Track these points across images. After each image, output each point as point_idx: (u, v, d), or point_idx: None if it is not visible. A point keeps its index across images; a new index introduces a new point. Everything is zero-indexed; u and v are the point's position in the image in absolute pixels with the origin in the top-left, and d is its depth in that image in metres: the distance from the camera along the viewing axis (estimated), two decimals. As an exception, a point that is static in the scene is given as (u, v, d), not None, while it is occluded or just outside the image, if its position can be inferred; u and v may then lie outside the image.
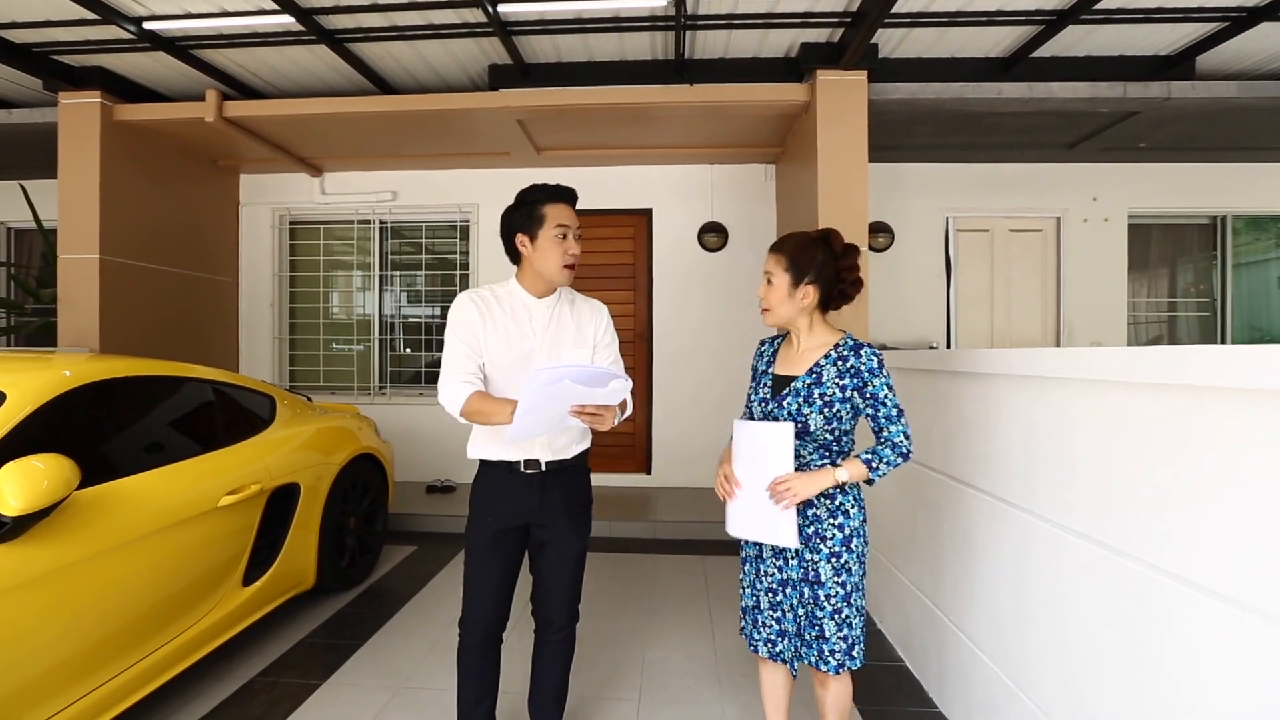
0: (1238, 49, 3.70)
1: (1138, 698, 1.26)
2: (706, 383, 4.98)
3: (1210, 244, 5.20)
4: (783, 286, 1.56)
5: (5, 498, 1.52)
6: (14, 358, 2.20)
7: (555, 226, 1.65)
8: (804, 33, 3.65)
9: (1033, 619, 1.63)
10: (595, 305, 1.82)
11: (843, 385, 1.51)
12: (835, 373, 1.53)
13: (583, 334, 1.75)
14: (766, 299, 1.60)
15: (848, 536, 1.55)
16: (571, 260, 1.68)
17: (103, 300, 3.99)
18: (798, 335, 1.62)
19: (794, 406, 1.55)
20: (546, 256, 1.66)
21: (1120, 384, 1.32)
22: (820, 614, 1.54)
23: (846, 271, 1.56)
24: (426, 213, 5.24)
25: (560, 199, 1.68)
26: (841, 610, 1.54)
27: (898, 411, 1.49)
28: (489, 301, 1.69)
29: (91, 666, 1.78)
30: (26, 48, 3.73)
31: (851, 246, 1.59)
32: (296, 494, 2.73)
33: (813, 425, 1.52)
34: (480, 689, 1.76)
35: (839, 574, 1.54)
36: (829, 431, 1.53)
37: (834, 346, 1.56)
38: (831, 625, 1.54)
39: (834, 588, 1.53)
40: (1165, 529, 1.20)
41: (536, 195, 1.68)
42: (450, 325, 1.69)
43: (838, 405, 1.51)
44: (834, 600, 1.53)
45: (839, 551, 1.54)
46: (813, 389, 1.53)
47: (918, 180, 5.02)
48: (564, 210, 1.67)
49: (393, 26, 3.53)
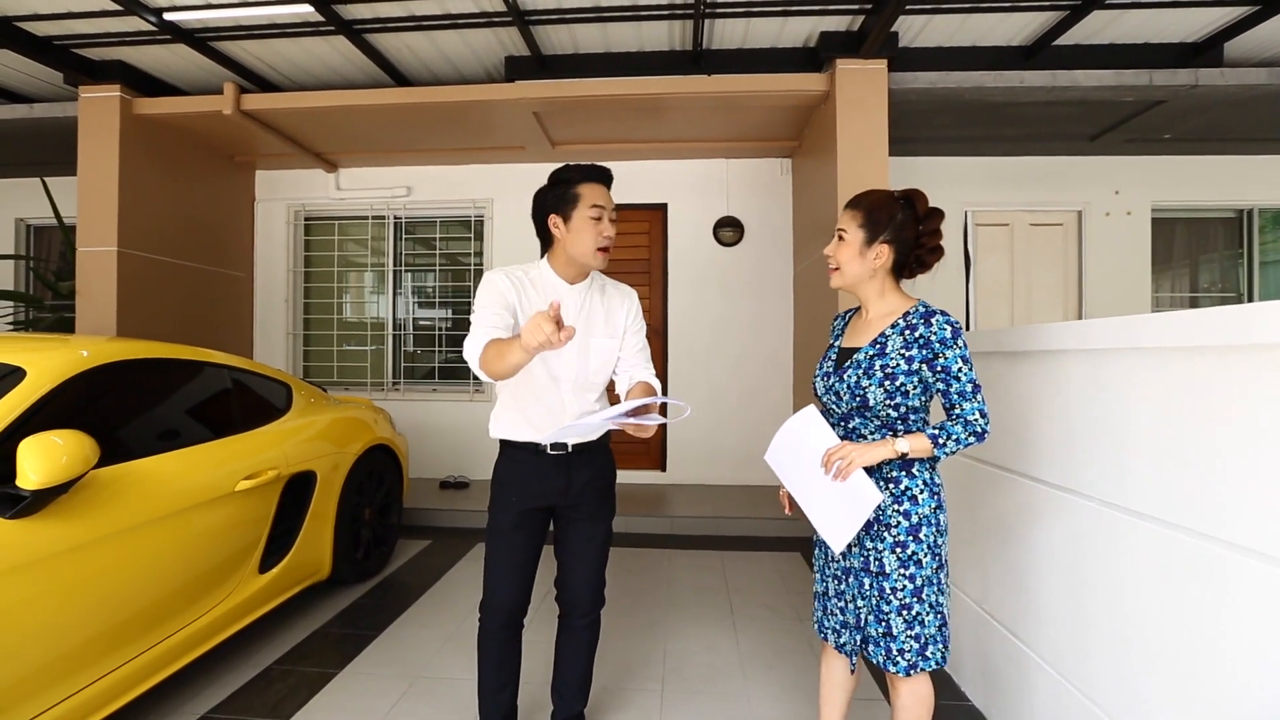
0: (1268, 34, 3.62)
1: (1201, 682, 1.20)
2: (723, 378, 4.93)
3: (1236, 238, 5.09)
4: (855, 243, 1.44)
5: (25, 471, 1.49)
6: (34, 337, 2.19)
7: (590, 207, 1.57)
8: (823, 20, 3.61)
9: (1083, 606, 1.57)
10: (625, 291, 1.77)
11: (909, 357, 1.37)
12: (901, 343, 1.39)
13: (612, 323, 1.69)
14: (836, 256, 1.47)
15: (915, 525, 1.39)
16: (606, 243, 1.59)
17: (120, 293, 4.01)
18: (867, 303, 1.50)
19: (853, 379, 1.42)
20: (580, 238, 1.57)
21: (1179, 350, 1.25)
22: (887, 609, 1.40)
23: (928, 237, 1.43)
24: (441, 208, 5.23)
25: (596, 179, 1.61)
26: (911, 606, 1.39)
27: (973, 388, 1.34)
28: (522, 281, 1.62)
29: (111, 648, 1.75)
30: (48, 41, 3.75)
31: (936, 210, 1.44)
32: (312, 483, 2.70)
33: (872, 400, 1.38)
34: (502, 676, 1.71)
35: (905, 566, 1.39)
36: (892, 407, 1.39)
37: (903, 315, 1.42)
38: (900, 622, 1.39)
39: (900, 580, 1.39)
40: (1226, 500, 1.14)
41: (571, 174, 1.60)
42: (480, 293, 1.61)
43: (902, 379, 1.37)
44: (901, 595, 1.39)
45: (905, 541, 1.39)
46: (874, 360, 1.40)
47: (936, 173, 4.95)
48: (599, 191, 1.60)
49: (410, 16, 3.52)
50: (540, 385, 1.62)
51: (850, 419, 1.46)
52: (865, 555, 1.45)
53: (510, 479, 1.67)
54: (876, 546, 1.43)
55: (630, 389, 1.67)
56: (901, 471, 1.42)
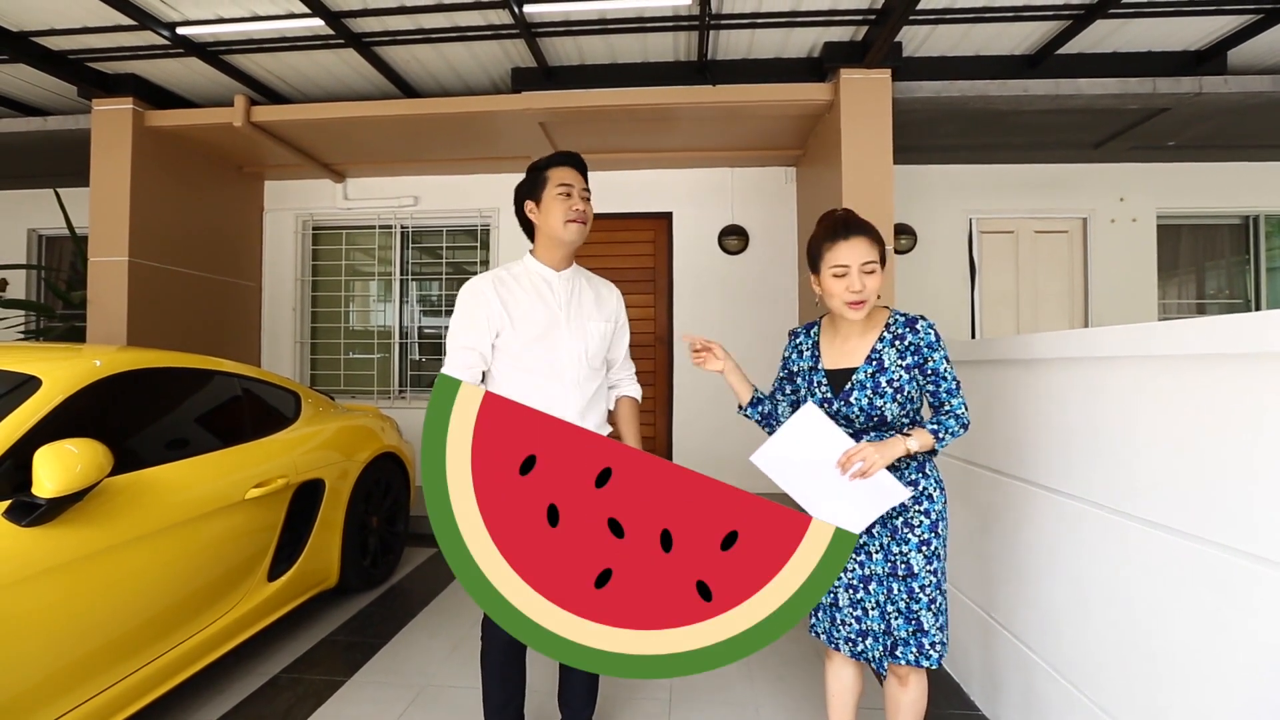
0: (1271, 42, 3.63)
1: (1213, 690, 1.19)
2: (727, 387, 4.91)
3: (1242, 245, 5.08)
4: (879, 270, 1.43)
5: (40, 480, 1.51)
6: (48, 347, 2.22)
7: (558, 186, 1.63)
8: (827, 31, 3.63)
9: (1092, 614, 1.56)
10: (610, 285, 1.83)
11: (906, 365, 1.43)
12: (895, 354, 1.43)
13: (603, 307, 1.74)
14: (868, 290, 1.40)
15: (934, 521, 1.46)
16: (575, 216, 1.62)
17: (131, 302, 4.05)
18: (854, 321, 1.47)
19: (865, 401, 1.43)
20: (550, 214, 1.63)
21: (1191, 357, 1.25)
22: (917, 606, 1.43)
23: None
24: (447, 217, 5.27)
25: (563, 163, 1.67)
26: (936, 599, 1.44)
27: (957, 384, 1.44)
28: (506, 282, 1.65)
29: (121, 655, 1.76)
30: (63, 55, 3.82)
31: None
32: (321, 491, 2.71)
33: (889, 415, 1.42)
34: (506, 692, 1.70)
35: (931, 561, 1.44)
36: (904, 417, 1.44)
37: (885, 326, 1.45)
38: (929, 616, 1.43)
39: (927, 577, 1.44)
40: (1238, 508, 1.14)
41: (541, 163, 1.69)
42: (460, 305, 1.63)
43: (907, 388, 1.43)
44: (929, 590, 1.43)
45: (928, 539, 1.44)
46: (878, 377, 1.43)
47: (940, 182, 4.97)
48: (567, 171, 1.66)
49: (418, 29, 3.57)
50: (541, 380, 1.61)
51: (861, 436, 1.46)
52: (891, 560, 1.45)
53: None
54: (902, 550, 1.44)
55: (616, 409, 1.79)
56: (918, 473, 1.46)
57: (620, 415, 1.80)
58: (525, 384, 1.61)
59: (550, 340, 1.62)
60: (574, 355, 1.64)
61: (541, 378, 1.62)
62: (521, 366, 1.61)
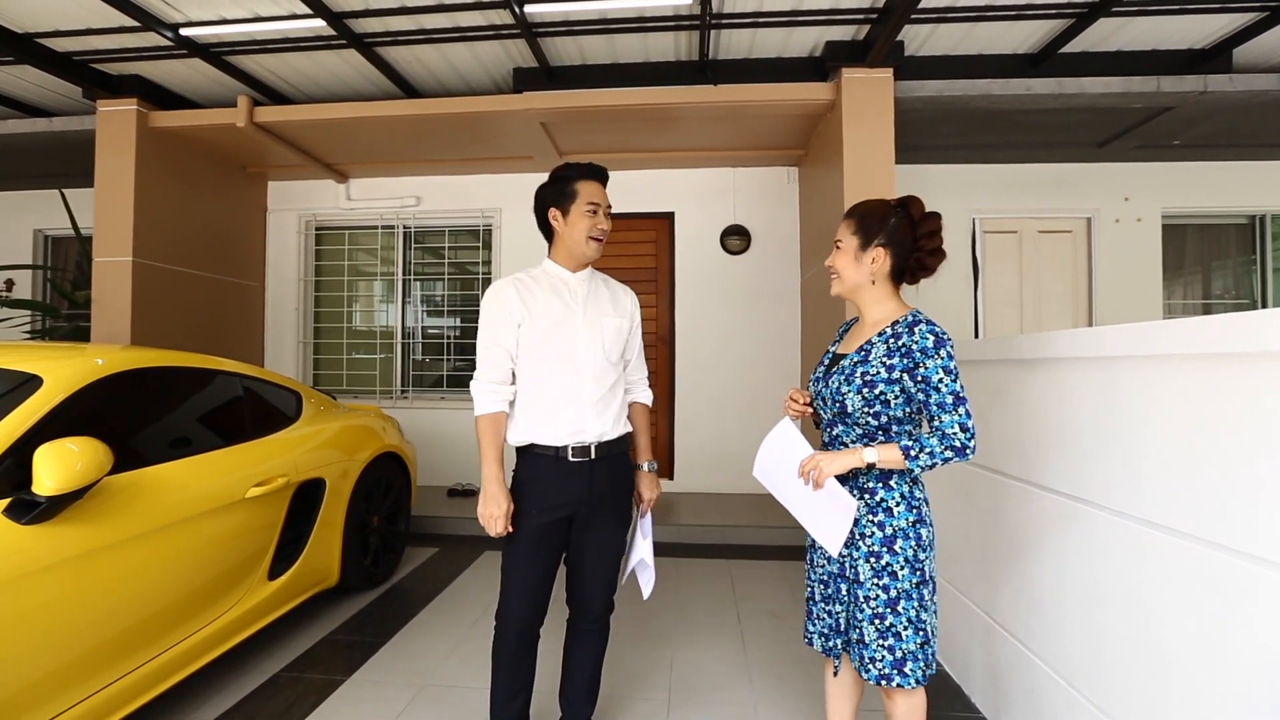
0: (1277, 40, 3.60)
1: (1219, 694, 1.18)
2: (729, 387, 4.92)
3: (1249, 244, 5.04)
4: (850, 249, 1.46)
5: (40, 478, 1.52)
6: (51, 346, 2.23)
7: (587, 203, 1.67)
8: (829, 30, 3.63)
9: (1094, 616, 1.55)
10: (626, 288, 1.87)
11: (890, 365, 1.36)
12: (884, 351, 1.39)
13: (619, 306, 1.78)
14: (834, 263, 1.50)
15: (890, 537, 1.39)
16: (599, 234, 1.69)
17: (134, 302, 4.06)
18: (864, 310, 1.50)
19: (835, 385, 1.44)
20: (575, 229, 1.68)
21: (1202, 356, 1.24)
22: (860, 616, 1.40)
23: (926, 239, 1.41)
24: (450, 217, 5.28)
25: (593, 177, 1.71)
26: (884, 617, 1.37)
27: (954, 400, 1.30)
28: (528, 284, 1.69)
29: (122, 653, 1.77)
30: (68, 56, 3.84)
31: (933, 214, 1.43)
32: (321, 490, 2.72)
33: (850, 406, 1.40)
34: (516, 684, 1.71)
35: (879, 576, 1.39)
36: (871, 415, 1.38)
37: (891, 324, 1.42)
38: (871, 630, 1.39)
39: (874, 590, 1.39)
40: (1245, 511, 1.13)
41: (570, 172, 1.71)
42: (486, 310, 1.68)
43: (881, 387, 1.36)
44: (874, 604, 1.39)
45: (879, 552, 1.39)
46: (857, 367, 1.41)
47: (943, 181, 4.95)
48: (595, 188, 1.70)
49: (420, 30, 3.57)
50: (559, 370, 1.65)
51: (834, 425, 1.48)
52: (843, 561, 1.46)
53: (531, 493, 1.65)
54: (852, 554, 1.44)
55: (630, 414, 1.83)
56: (878, 483, 1.42)
57: (632, 421, 1.84)
58: (544, 375, 1.65)
59: (568, 330, 1.65)
60: (591, 346, 1.67)
61: (559, 368, 1.64)
62: (540, 358, 1.65)
